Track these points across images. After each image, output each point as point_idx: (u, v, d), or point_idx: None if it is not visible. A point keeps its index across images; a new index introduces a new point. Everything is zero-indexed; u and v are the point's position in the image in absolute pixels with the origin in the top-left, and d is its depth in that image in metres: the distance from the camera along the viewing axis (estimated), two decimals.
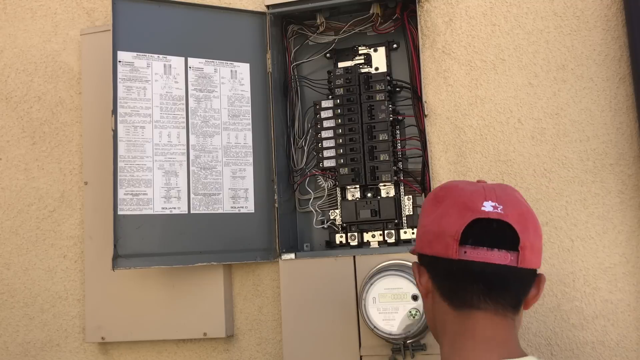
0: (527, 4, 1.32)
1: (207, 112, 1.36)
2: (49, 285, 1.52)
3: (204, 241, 1.32)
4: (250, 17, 1.41)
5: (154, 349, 1.45)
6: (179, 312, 1.39)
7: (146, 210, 1.29)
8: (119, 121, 1.29)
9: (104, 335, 1.42)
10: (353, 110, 1.36)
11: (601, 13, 1.28)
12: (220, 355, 1.41)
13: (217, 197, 1.34)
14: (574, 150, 1.26)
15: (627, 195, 1.23)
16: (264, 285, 1.41)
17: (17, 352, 1.53)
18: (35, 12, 1.62)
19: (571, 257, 1.24)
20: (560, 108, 1.28)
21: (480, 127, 1.32)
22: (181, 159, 1.33)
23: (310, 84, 1.45)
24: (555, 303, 1.24)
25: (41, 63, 1.60)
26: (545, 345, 1.24)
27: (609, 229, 1.23)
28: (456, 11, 1.35)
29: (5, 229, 1.57)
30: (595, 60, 1.27)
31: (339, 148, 1.36)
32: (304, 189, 1.44)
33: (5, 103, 1.61)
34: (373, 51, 1.42)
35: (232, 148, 1.37)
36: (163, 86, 1.33)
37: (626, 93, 1.25)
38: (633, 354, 1.20)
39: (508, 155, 1.29)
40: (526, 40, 1.31)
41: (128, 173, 1.28)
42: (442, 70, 1.35)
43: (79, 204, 1.52)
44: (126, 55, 1.31)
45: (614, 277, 1.22)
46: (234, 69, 1.39)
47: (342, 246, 1.36)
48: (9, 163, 1.59)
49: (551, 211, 1.26)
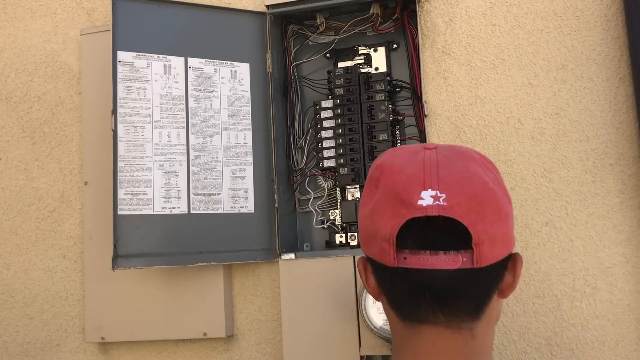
0: (527, 4, 1.32)
1: (207, 112, 1.36)
2: (49, 285, 1.52)
3: (204, 241, 1.32)
4: (250, 17, 1.41)
5: (154, 349, 1.45)
6: (179, 312, 1.39)
7: (146, 210, 1.29)
8: (118, 121, 1.29)
9: (104, 335, 1.42)
10: (353, 110, 1.36)
11: (601, 13, 1.28)
12: (220, 355, 1.41)
13: (217, 197, 1.34)
14: (574, 150, 1.26)
15: (627, 195, 1.23)
16: (264, 285, 1.41)
17: (17, 352, 1.53)
18: (35, 12, 1.62)
19: (571, 257, 1.24)
20: (560, 108, 1.28)
21: (480, 127, 1.32)
22: (181, 159, 1.33)
23: (310, 84, 1.45)
24: (555, 303, 1.24)
25: (41, 63, 1.60)
26: (545, 345, 1.24)
27: (609, 229, 1.23)
28: (456, 11, 1.35)
29: (5, 229, 1.57)
30: (595, 60, 1.27)
31: (339, 148, 1.36)
32: (304, 189, 1.44)
33: (5, 103, 1.61)
34: (373, 51, 1.42)
35: (232, 148, 1.37)
36: (163, 86, 1.33)
37: (626, 93, 1.25)
38: (633, 354, 1.20)
39: (508, 155, 1.29)
40: (526, 40, 1.31)
41: (128, 173, 1.28)
42: (442, 70, 1.35)
43: (79, 204, 1.52)
44: (126, 55, 1.31)
45: (614, 277, 1.22)
46: (234, 69, 1.39)
47: (342, 246, 1.36)
48: (8, 163, 1.59)
49: (551, 211, 1.26)
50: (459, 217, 0.56)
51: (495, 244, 0.58)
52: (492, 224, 0.58)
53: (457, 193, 0.57)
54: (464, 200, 0.57)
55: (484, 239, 0.57)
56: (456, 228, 0.57)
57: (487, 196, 0.58)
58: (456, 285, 0.58)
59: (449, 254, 0.57)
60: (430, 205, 0.57)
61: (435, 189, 0.57)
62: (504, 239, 0.59)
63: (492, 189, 0.59)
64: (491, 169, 0.63)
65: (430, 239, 0.58)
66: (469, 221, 0.57)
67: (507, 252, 0.60)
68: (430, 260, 0.57)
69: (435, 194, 0.57)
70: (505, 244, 0.60)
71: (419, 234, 0.58)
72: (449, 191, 0.57)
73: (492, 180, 0.60)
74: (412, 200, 0.58)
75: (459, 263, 0.57)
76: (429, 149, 0.62)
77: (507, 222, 0.60)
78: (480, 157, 0.63)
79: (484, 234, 0.57)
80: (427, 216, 0.57)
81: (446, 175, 0.58)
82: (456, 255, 0.57)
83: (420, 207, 0.57)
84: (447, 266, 0.57)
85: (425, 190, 0.57)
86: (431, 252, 0.57)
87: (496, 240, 0.58)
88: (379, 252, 0.60)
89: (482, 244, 0.57)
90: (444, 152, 0.61)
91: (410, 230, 0.58)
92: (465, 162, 0.61)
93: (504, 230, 0.59)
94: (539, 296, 1.25)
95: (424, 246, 0.58)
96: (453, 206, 0.57)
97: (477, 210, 0.57)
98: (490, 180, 0.60)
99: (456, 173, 0.59)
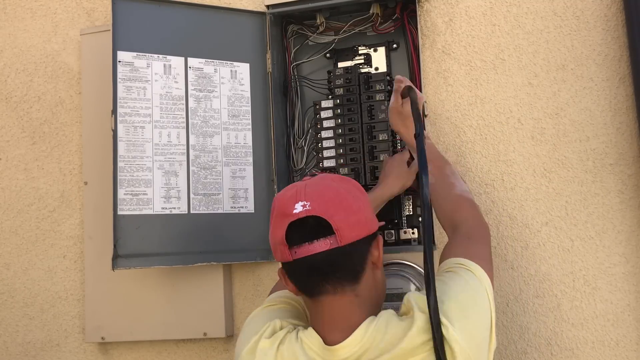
0: (527, 4, 1.32)
1: (207, 112, 1.36)
2: (49, 285, 1.52)
3: (204, 241, 1.32)
4: (250, 17, 1.41)
5: (154, 349, 1.45)
6: (179, 312, 1.39)
7: (146, 210, 1.29)
8: (118, 121, 1.29)
9: (104, 335, 1.42)
10: (353, 110, 1.36)
11: (601, 13, 1.28)
12: (220, 355, 1.41)
13: (217, 197, 1.34)
14: (574, 150, 1.26)
15: (627, 195, 1.23)
16: (264, 285, 1.41)
17: (17, 352, 1.53)
18: (35, 12, 1.62)
19: (571, 257, 1.24)
20: (560, 108, 1.28)
21: (480, 127, 1.32)
22: (181, 159, 1.33)
23: (310, 84, 1.45)
24: (555, 303, 1.24)
25: (41, 63, 1.60)
26: (545, 345, 1.24)
27: (609, 229, 1.23)
28: (456, 11, 1.35)
29: (5, 229, 1.57)
30: (595, 60, 1.27)
31: (339, 148, 1.36)
32: None
33: (5, 103, 1.61)
34: (373, 51, 1.42)
35: (232, 148, 1.37)
36: (163, 86, 1.33)
37: (626, 93, 1.25)
38: (633, 354, 1.20)
39: (508, 155, 1.29)
40: (526, 40, 1.31)
41: (128, 173, 1.28)
42: (442, 70, 1.35)
43: (79, 204, 1.53)
44: (126, 55, 1.31)
45: (614, 277, 1.22)
46: (234, 69, 1.39)
47: None
48: (8, 163, 1.59)
49: (551, 211, 1.26)
50: (320, 214, 0.82)
51: (352, 228, 0.83)
52: (346, 216, 0.84)
53: (318, 200, 0.84)
54: (323, 203, 0.84)
55: (342, 225, 0.82)
56: (321, 223, 0.82)
57: (338, 198, 0.85)
58: (333, 261, 0.83)
59: (320, 240, 0.82)
60: (301, 211, 0.83)
61: (304, 200, 0.84)
62: (359, 224, 0.85)
63: (342, 194, 0.86)
64: (345, 184, 0.89)
65: (307, 233, 0.83)
66: (328, 215, 0.82)
67: (364, 233, 0.85)
68: (310, 247, 0.83)
69: (304, 204, 0.83)
70: (361, 227, 0.85)
71: (298, 231, 0.83)
72: (312, 200, 0.84)
73: (344, 189, 0.87)
74: (290, 210, 0.84)
75: (329, 245, 0.82)
76: (304, 181, 0.89)
77: (358, 213, 0.85)
78: (338, 178, 0.92)
79: (340, 222, 0.82)
80: (300, 218, 0.83)
81: (311, 192, 0.85)
82: (325, 239, 0.82)
83: (294, 214, 0.83)
84: (322, 248, 0.82)
85: (297, 202, 0.84)
86: (309, 242, 0.83)
87: (352, 225, 0.83)
88: (281, 255, 0.85)
89: (341, 229, 0.82)
90: (313, 180, 0.89)
91: (293, 231, 0.83)
92: (323, 181, 0.88)
93: (356, 218, 0.85)
94: (539, 296, 1.25)
95: (304, 239, 0.83)
96: (315, 208, 0.83)
97: (333, 207, 0.83)
98: (342, 190, 0.87)
99: (317, 187, 0.86)
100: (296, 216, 0.83)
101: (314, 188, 0.86)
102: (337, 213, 0.83)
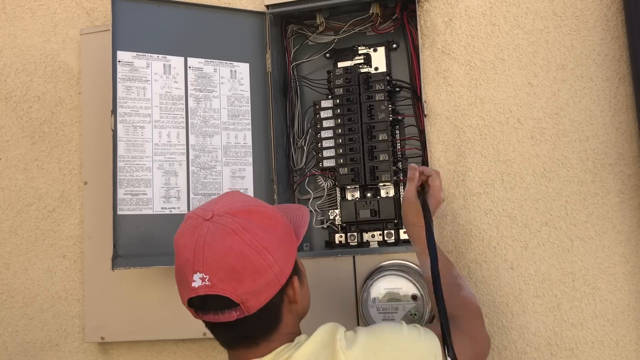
0: (527, 4, 1.32)
1: (206, 112, 1.36)
2: (49, 285, 1.52)
3: None
4: (249, 17, 1.41)
5: (154, 349, 1.45)
6: (179, 312, 1.38)
7: (146, 210, 1.29)
8: (118, 121, 1.29)
9: (104, 335, 1.42)
10: (353, 110, 1.36)
11: (601, 13, 1.28)
12: (219, 355, 1.41)
13: None
14: (574, 150, 1.26)
15: (627, 195, 1.23)
16: None
17: (16, 352, 1.53)
18: (35, 12, 1.62)
19: (571, 257, 1.24)
20: (560, 108, 1.28)
21: (480, 127, 1.32)
22: (181, 159, 1.33)
23: (310, 84, 1.45)
24: (555, 303, 1.24)
25: (41, 63, 1.60)
26: (545, 345, 1.24)
27: (609, 229, 1.23)
28: (456, 11, 1.35)
29: (4, 229, 1.57)
30: (595, 60, 1.27)
31: (339, 148, 1.36)
32: (303, 188, 1.44)
33: (5, 103, 1.61)
34: (373, 51, 1.42)
35: (231, 148, 1.37)
36: (162, 86, 1.33)
37: (626, 93, 1.25)
38: (633, 354, 1.20)
39: (508, 155, 1.29)
40: (526, 40, 1.31)
41: (128, 173, 1.28)
42: (442, 70, 1.35)
43: (79, 203, 1.52)
44: (126, 55, 1.31)
45: (614, 277, 1.22)
46: (234, 69, 1.39)
47: (341, 246, 1.36)
48: (8, 163, 1.59)
49: (551, 211, 1.26)
50: (221, 292, 0.76)
51: (260, 294, 0.78)
52: (252, 282, 0.77)
53: (218, 271, 0.76)
54: (224, 275, 0.76)
55: (247, 297, 0.77)
56: (224, 298, 0.77)
57: (242, 264, 0.77)
58: (243, 328, 0.80)
59: (225, 313, 0.78)
60: (200, 286, 0.77)
61: (201, 272, 0.77)
62: (267, 286, 0.79)
63: (247, 256, 0.77)
64: (253, 226, 0.79)
65: (208, 308, 0.79)
66: (230, 291, 0.76)
67: (274, 291, 0.80)
68: (215, 318, 0.79)
69: (202, 277, 0.77)
70: (271, 287, 0.79)
71: (200, 306, 0.80)
72: (211, 272, 0.77)
73: (249, 244, 0.78)
74: (189, 281, 0.78)
75: (235, 316, 0.78)
76: (206, 221, 0.80)
77: (267, 273, 0.78)
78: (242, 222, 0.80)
79: (245, 294, 0.77)
80: (199, 296, 0.77)
81: (209, 257, 0.77)
82: (230, 312, 0.78)
83: (193, 289, 0.77)
84: (228, 319, 0.78)
85: (195, 273, 0.77)
86: (214, 313, 0.79)
87: (259, 291, 0.78)
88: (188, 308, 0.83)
89: (247, 300, 0.77)
90: (214, 226, 0.79)
91: (194, 302, 0.80)
92: (224, 239, 0.78)
93: (264, 280, 0.78)
94: (539, 296, 1.25)
95: (207, 311, 0.80)
96: (216, 284, 0.76)
97: (236, 278, 0.76)
98: (247, 247, 0.78)
99: (217, 252, 0.77)
100: (196, 292, 0.78)
101: (213, 249, 0.77)
102: (240, 285, 0.77)
